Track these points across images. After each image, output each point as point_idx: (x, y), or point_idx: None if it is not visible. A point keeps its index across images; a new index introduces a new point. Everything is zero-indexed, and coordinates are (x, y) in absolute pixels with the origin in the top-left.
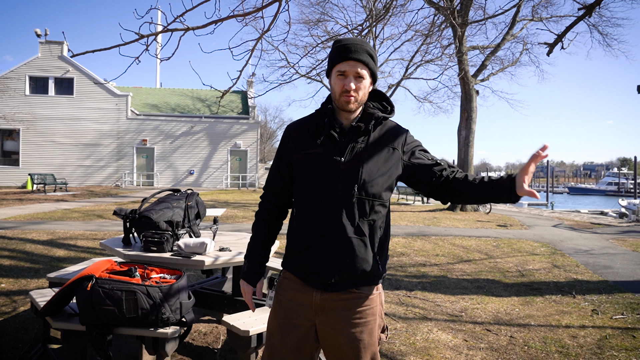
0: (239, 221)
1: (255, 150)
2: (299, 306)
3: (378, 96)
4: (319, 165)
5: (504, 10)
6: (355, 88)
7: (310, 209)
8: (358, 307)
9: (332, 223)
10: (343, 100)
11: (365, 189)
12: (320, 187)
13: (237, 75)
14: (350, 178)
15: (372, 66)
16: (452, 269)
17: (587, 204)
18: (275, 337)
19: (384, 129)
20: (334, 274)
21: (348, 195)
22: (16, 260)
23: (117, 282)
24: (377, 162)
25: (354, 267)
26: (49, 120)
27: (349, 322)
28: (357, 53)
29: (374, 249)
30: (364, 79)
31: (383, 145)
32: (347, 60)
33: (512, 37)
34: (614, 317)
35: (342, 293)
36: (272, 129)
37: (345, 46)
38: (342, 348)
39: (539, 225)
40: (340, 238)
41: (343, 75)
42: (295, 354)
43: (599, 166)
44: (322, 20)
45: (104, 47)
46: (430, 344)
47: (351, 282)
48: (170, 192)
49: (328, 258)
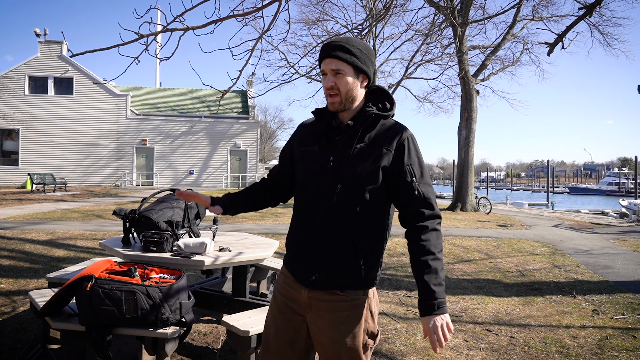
0: (239, 221)
1: (255, 150)
2: (290, 301)
3: (381, 95)
4: (312, 163)
5: (505, 9)
6: (336, 85)
7: (300, 205)
8: (342, 310)
9: (315, 221)
10: (328, 100)
11: (348, 189)
12: (310, 185)
13: (237, 75)
14: (335, 177)
15: (350, 60)
16: (452, 269)
17: (587, 204)
18: (270, 329)
19: (383, 129)
20: (314, 272)
21: (332, 195)
22: (15, 261)
23: (116, 282)
24: (366, 162)
25: (332, 267)
26: (49, 120)
27: (332, 324)
28: (332, 50)
29: (356, 252)
30: (345, 75)
31: (378, 145)
32: (325, 58)
33: (512, 36)
34: (614, 317)
35: (327, 293)
36: (272, 129)
37: (323, 46)
38: (325, 349)
39: (539, 225)
40: (320, 237)
41: (325, 75)
42: (288, 349)
43: (599, 166)
44: (322, 19)
45: (103, 47)
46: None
47: (332, 283)
48: (170, 192)
49: (309, 255)
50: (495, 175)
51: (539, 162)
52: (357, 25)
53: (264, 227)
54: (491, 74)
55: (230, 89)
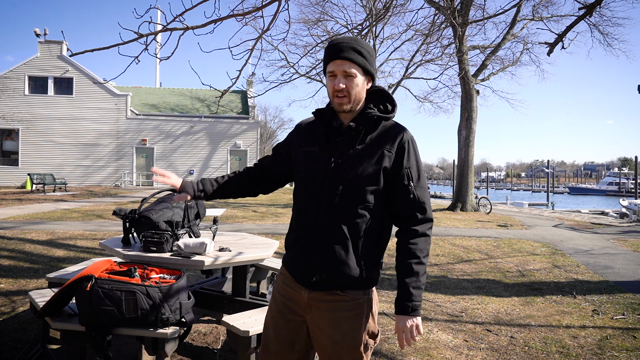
0: (238, 221)
1: (255, 150)
2: (290, 301)
3: (383, 96)
4: (312, 164)
5: (505, 9)
6: (346, 87)
7: (301, 206)
8: (343, 310)
9: (315, 222)
10: (336, 102)
11: (350, 190)
12: (310, 186)
13: (237, 75)
14: (336, 178)
15: (361, 63)
16: (452, 269)
17: (587, 204)
18: (269, 330)
19: (383, 130)
20: (315, 273)
21: (332, 196)
22: (15, 261)
23: (116, 282)
24: (367, 163)
25: (333, 269)
26: (48, 120)
27: (333, 324)
28: (343, 51)
29: (357, 253)
30: (355, 77)
31: (378, 146)
32: (334, 60)
33: (512, 36)
34: (614, 317)
35: (327, 294)
36: (272, 129)
37: (331, 46)
38: (326, 349)
39: (539, 225)
40: (321, 238)
41: (333, 76)
42: (287, 349)
43: (599, 166)
44: (321, 19)
45: (103, 47)
46: (431, 344)
47: (333, 283)
48: (170, 192)
49: (309, 257)
50: (495, 175)
51: (539, 162)
52: (357, 25)
53: (264, 227)
54: (491, 74)
55: (230, 88)
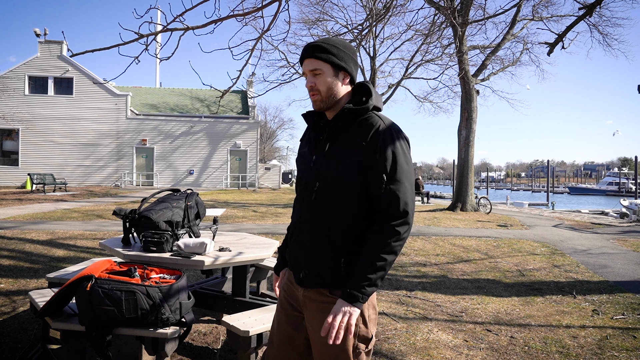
0: (238, 221)
1: (255, 150)
2: (291, 297)
3: (362, 90)
4: (301, 164)
5: (504, 9)
6: (315, 85)
7: (294, 204)
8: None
9: (300, 219)
10: (311, 100)
11: (326, 187)
12: (299, 185)
13: (237, 75)
14: (314, 176)
15: (327, 59)
16: (452, 269)
17: (587, 204)
18: (274, 324)
19: (359, 123)
20: (300, 269)
21: (310, 194)
22: (15, 260)
23: (116, 282)
24: (342, 159)
25: (311, 264)
26: (49, 120)
27: (321, 324)
28: (308, 51)
29: (335, 251)
30: (322, 74)
31: (353, 140)
32: (303, 61)
33: (512, 36)
34: (614, 317)
35: (317, 294)
36: (272, 129)
37: (302, 49)
38: (317, 348)
39: (539, 225)
40: (300, 234)
41: (306, 76)
42: (288, 344)
43: (599, 166)
44: (322, 19)
45: (103, 47)
46: (431, 344)
47: (317, 281)
48: (170, 192)
49: (294, 252)
50: (495, 175)
51: (539, 162)
52: (357, 25)
53: (264, 227)
54: (491, 74)
55: (230, 88)
